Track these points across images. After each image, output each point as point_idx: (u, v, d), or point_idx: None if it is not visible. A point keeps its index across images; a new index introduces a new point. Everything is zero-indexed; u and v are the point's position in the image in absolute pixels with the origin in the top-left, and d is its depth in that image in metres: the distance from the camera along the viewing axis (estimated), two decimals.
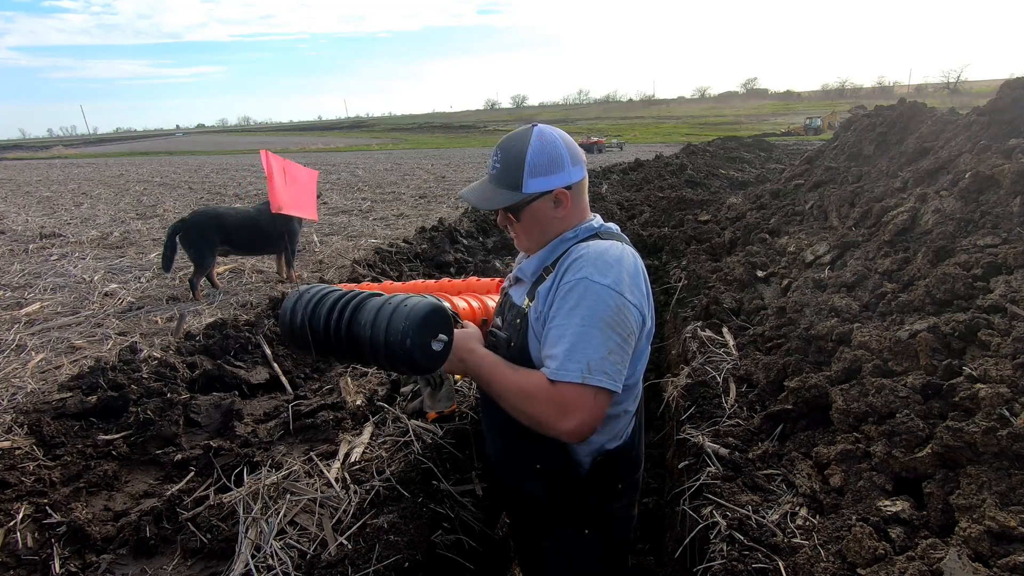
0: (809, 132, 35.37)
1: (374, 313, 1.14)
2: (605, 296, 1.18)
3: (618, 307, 1.18)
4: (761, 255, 4.22)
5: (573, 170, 1.31)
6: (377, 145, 46.14)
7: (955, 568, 1.19)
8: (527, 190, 1.29)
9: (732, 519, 1.62)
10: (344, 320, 1.17)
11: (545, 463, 1.41)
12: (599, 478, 1.40)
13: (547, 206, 1.32)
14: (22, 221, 9.74)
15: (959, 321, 2.05)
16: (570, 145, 1.32)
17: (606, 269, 1.20)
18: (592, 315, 1.17)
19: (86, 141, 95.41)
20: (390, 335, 1.10)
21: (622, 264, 1.23)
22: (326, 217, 9.48)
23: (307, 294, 1.24)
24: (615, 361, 1.18)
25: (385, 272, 5.38)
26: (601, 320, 1.17)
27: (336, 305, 1.19)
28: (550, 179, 1.29)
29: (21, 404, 2.81)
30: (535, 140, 1.29)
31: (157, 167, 25.21)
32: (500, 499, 1.84)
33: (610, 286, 1.18)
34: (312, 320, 1.19)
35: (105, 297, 5.07)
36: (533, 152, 1.28)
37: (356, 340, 1.16)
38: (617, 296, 1.19)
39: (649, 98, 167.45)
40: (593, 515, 1.44)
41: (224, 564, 1.65)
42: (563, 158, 1.29)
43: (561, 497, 1.42)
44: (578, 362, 1.15)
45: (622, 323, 1.19)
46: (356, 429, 2.38)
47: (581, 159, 1.35)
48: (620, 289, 1.19)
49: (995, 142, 3.39)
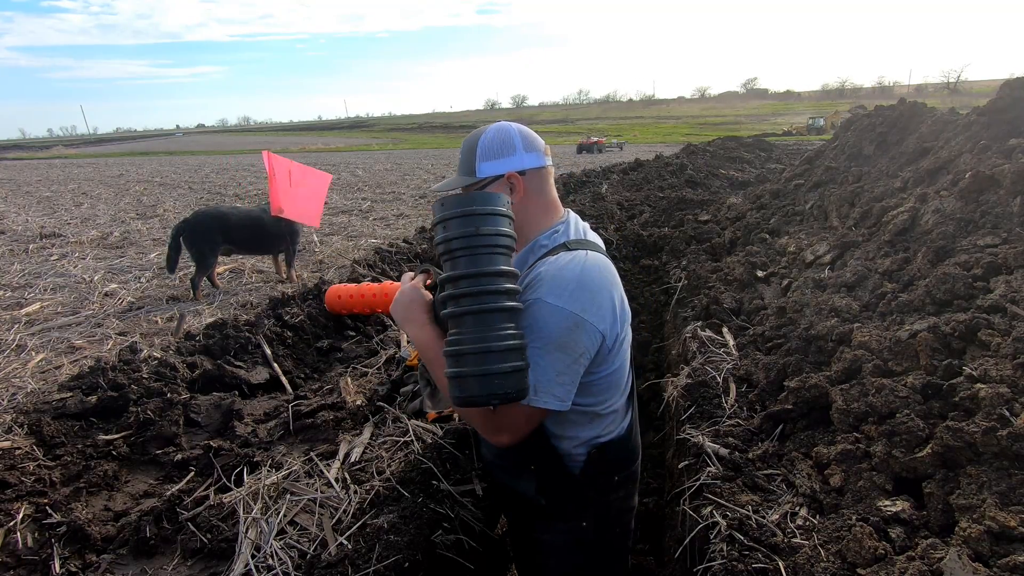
0: (812, 132, 35.43)
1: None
2: (558, 317, 1.18)
3: (570, 328, 1.19)
4: (761, 255, 4.22)
5: (526, 156, 1.33)
6: (377, 145, 46.15)
7: (955, 568, 1.19)
8: (480, 174, 1.33)
9: (732, 519, 1.62)
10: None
11: (539, 463, 1.41)
12: (594, 472, 1.41)
13: (502, 192, 1.31)
14: (22, 221, 9.74)
15: (959, 321, 2.05)
16: (525, 134, 1.36)
17: (561, 289, 1.20)
18: (542, 337, 1.18)
19: (86, 141, 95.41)
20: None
21: (581, 281, 1.22)
22: (326, 217, 9.48)
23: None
24: (563, 382, 1.20)
25: (385, 272, 5.38)
26: (551, 343, 1.18)
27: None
28: (500, 162, 1.32)
29: (21, 404, 2.81)
30: (490, 130, 1.36)
31: (157, 167, 25.21)
32: (497, 498, 1.84)
33: (563, 306, 1.19)
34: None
35: (105, 297, 5.07)
36: (485, 139, 1.34)
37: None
38: (571, 316, 1.19)
39: (649, 98, 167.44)
40: (590, 508, 1.45)
41: (224, 564, 1.65)
42: (514, 143, 1.33)
43: (557, 494, 1.43)
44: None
45: (574, 343, 1.20)
46: (356, 429, 2.38)
47: (538, 148, 1.37)
48: (574, 309, 1.19)
49: (995, 142, 3.39)
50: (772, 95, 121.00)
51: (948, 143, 3.91)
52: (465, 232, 1.07)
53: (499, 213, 1.10)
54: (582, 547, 1.48)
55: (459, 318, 1.08)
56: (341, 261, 6.28)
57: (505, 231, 1.10)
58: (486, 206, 1.09)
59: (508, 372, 1.05)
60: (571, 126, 59.72)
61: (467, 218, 1.08)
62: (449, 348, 1.09)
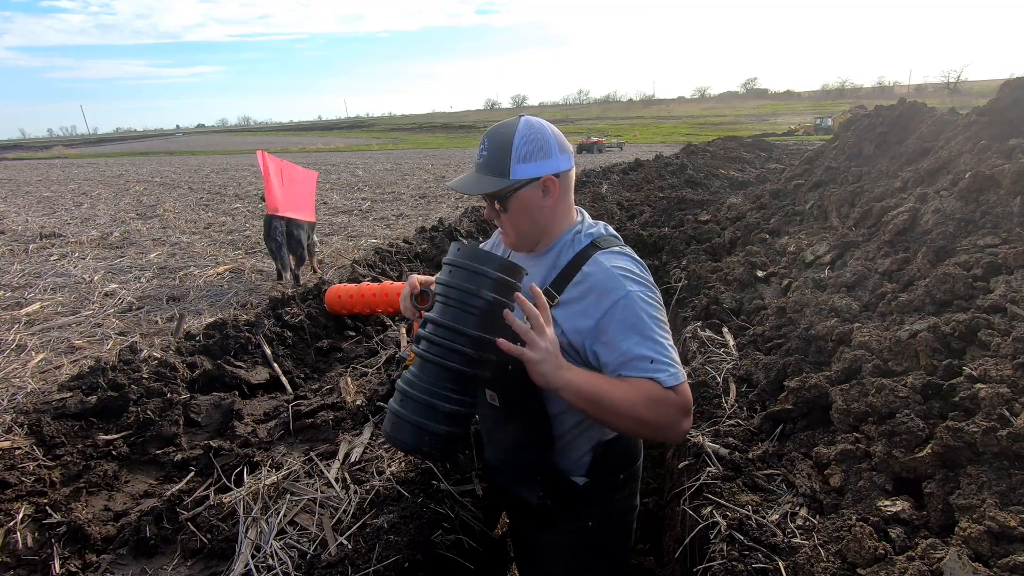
0: (820, 131, 35.52)
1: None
2: (652, 296, 1.26)
3: (660, 302, 1.28)
4: (761, 255, 4.22)
5: (561, 158, 1.30)
6: (377, 145, 46.14)
7: (955, 568, 1.19)
8: (514, 176, 1.27)
9: (732, 519, 1.62)
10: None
11: (544, 472, 1.40)
12: (599, 471, 1.40)
13: (535, 195, 1.29)
14: (22, 221, 9.74)
15: (959, 321, 2.05)
16: (557, 134, 1.32)
17: (633, 275, 1.27)
18: (656, 318, 1.23)
19: (86, 141, 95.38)
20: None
21: (640, 263, 1.32)
22: (326, 217, 9.48)
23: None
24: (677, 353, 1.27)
25: (385, 272, 5.38)
26: (662, 322, 1.24)
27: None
28: (538, 165, 1.27)
29: (21, 404, 2.81)
30: (522, 127, 1.28)
31: (157, 167, 25.21)
32: (499, 501, 1.84)
33: (650, 286, 1.28)
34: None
35: (105, 297, 5.07)
36: (520, 138, 1.26)
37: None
38: (655, 291, 1.28)
39: (649, 98, 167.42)
40: (595, 508, 1.44)
41: (224, 564, 1.65)
42: (551, 145, 1.28)
43: (562, 497, 1.42)
44: (677, 364, 1.21)
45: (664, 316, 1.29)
46: (356, 429, 2.38)
47: (569, 149, 1.34)
48: (653, 286, 1.29)
49: (995, 142, 3.39)
50: (772, 95, 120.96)
51: (948, 143, 3.91)
52: (467, 288, 1.09)
53: (506, 283, 1.11)
54: (586, 547, 1.48)
55: (424, 362, 1.12)
56: (341, 261, 6.28)
57: (501, 300, 1.11)
58: (499, 273, 1.10)
59: (441, 435, 1.08)
60: (571, 126, 59.72)
61: (476, 276, 1.09)
62: (401, 383, 1.13)
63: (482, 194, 1.30)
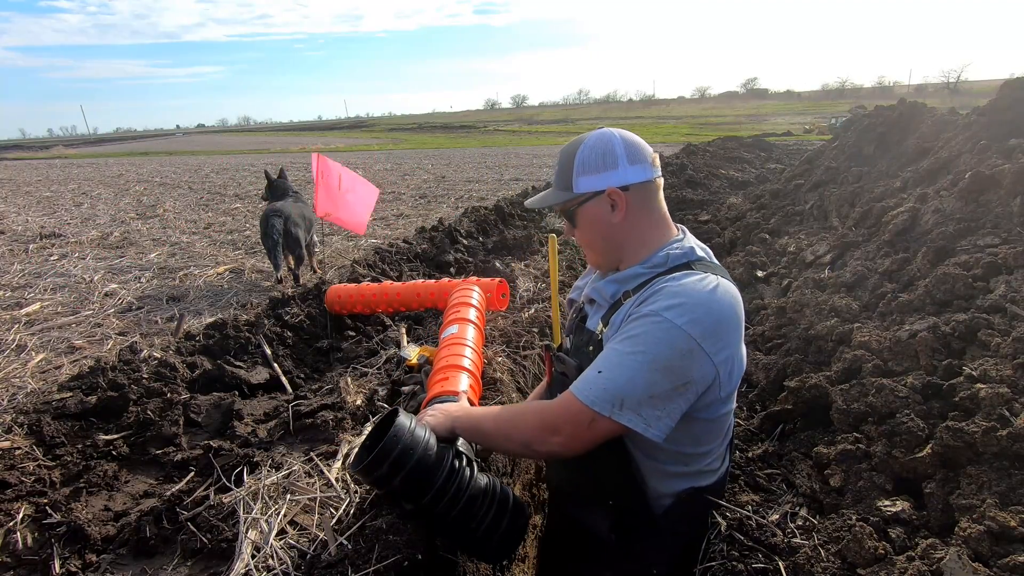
0: (834, 132, 34.89)
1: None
2: (673, 336, 1.04)
3: (683, 352, 1.04)
4: (761, 255, 4.22)
5: (630, 169, 1.19)
6: (377, 145, 46.11)
7: (955, 568, 1.19)
8: (577, 189, 1.20)
9: (732, 519, 1.62)
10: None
11: (618, 498, 1.28)
12: (679, 517, 1.28)
13: (602, 209, 1.21)
14: (22, 221, 9.74)
15: (959, 321, 2.05)
16: (630, 143, 1.21)
17: (686, 308, 1.05)
18: (647, 352, 1.04)
19: (86, 141, 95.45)
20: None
21: (709, 306, 1.07)
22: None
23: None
24: (657, 406, 1.05)
25: (385, 272, 5.38)
26: (656, 361, 1.04)
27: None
28: (601, 177, 1.19)
29: (21, 404, 2.81)
30: (591, 138, 1.22)
31: (157, 167, 25.20)
32: (562, 533, 1.64)
33: (682, 327, 1.04)
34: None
35: (105, 297, 5.07)
36: (584, 150, 1.20)
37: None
38: (688, 340, 1.04)
39: (649, 98, 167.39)
40: (666, 554, 1.32)
41: (224, 564, 1.65)
42: (617, 156, 1.18)
43: (632, 535, 1.29)
44: (612, 393, 1.04)
45: (682, 370, 1.05)
46: (356, 429, 2.38)
47: (645, 159, 1.21)
48: (694, 333, 1.04)
49: (995, 142, 3.40)
50: (772, 95, 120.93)
51: (948, 143, 3.91)
52: (380, 483, 1.31)
53: (385, 463, 1.23)
54: None
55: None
56: (341, 261, 6.28)
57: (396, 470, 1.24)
58: (370, 466, 1.24)
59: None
60: (571, 126, 59.68)
61: (373, 478, 1.29)
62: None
63: (550, 209, 1.29)
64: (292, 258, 5.63)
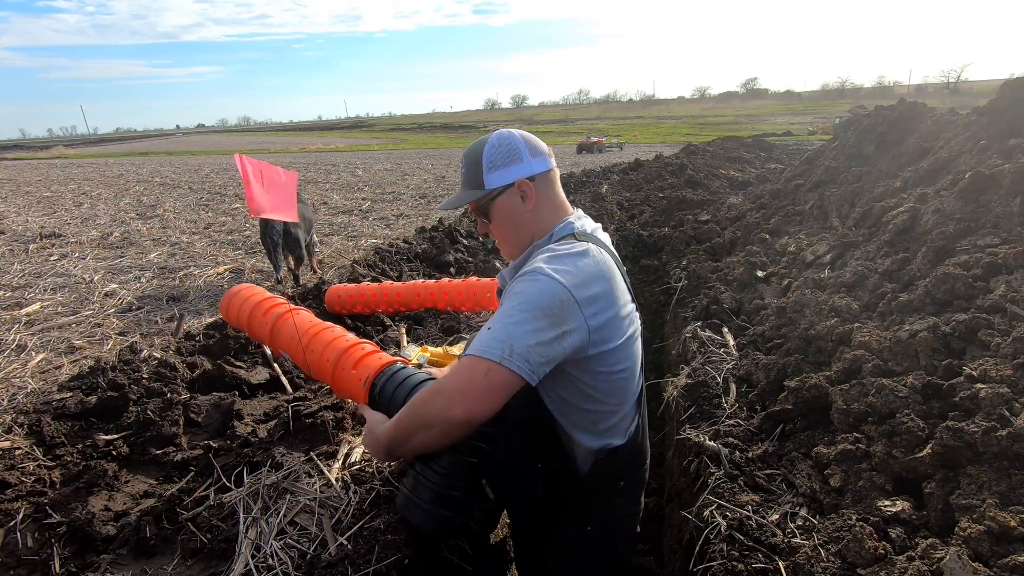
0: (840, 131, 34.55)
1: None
2: (551, 286, 1.14)
3: (561, 301, 1.14)
4: (761, 255, 4.22)
5: (533, 161, 1.32)
6: (377, 145, 46.10)
7: (955, 568, 1.19)
8: (489, 185, 1.31)
9: (732, 519, 1.62)
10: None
11: (545, 462, 1.40)
12: (600, 476, 1.40)
13: (514, 200, 1.32)
14: (22, 221, 9.74)
15: (959, 321, 2.05)
16: (528, 139, 1.34)
17: (558, 262, 1.18)
18: (530, 301, 1.14)
19: (86, 141, 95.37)
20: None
21: (577, 262, 1.19)
22: (326, 217, 9.48)
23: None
24: (540, 352, 1.13)
25: (385, 272, 5.38)
26: (539, 308, 1.13)
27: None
28: (509, 171, 1.30)
29: (21, 404, 2.81)
30: (492, 138, 1.33)
31: (157, 167, 25.21)
32: (501, 497, 1.85)
33: (559, 278, 1.15)
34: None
35: (105, 297, 5.08)
36: (490, 149, 1.31)
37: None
38: (563, 289, 1.15)
39: (649, 98, 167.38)
40: (594, 512, 1.44)
41: (224, 564, 1.65)
42: (520, 150, 1.31)
43: (562, 495, 1.42)
44: (501, 341, 1.11)
45: (561, 317, 1.15)
46: (356, 429, 2.38)
47: (543, 151, 1.35)
48: (567, 283, 1.15)
49: (995, 142, 3.39)
50: (772, 95, 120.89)
51: (948, 143, 3.91)
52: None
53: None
54: (585, 550, 1.48)
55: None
56: (341, 261, 6.28)
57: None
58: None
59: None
60: (571, 126, 59.64)
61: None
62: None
63: (463, 207, 1.36)
64: (292, 258, 5.63)
